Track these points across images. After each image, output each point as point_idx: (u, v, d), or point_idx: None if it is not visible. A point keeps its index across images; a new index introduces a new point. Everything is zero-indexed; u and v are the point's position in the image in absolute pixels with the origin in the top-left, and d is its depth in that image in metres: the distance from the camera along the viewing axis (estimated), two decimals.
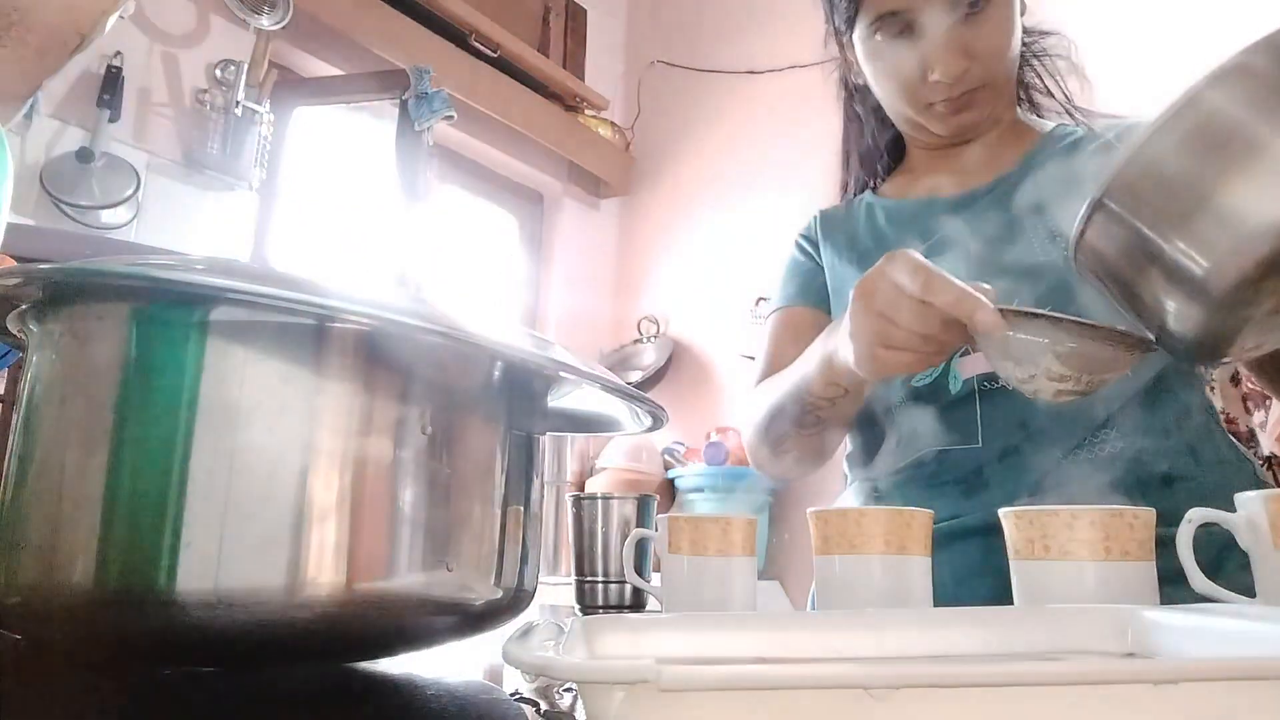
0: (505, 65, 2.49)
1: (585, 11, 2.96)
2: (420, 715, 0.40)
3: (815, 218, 0.99)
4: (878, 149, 0.97)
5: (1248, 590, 0.48)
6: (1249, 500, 0.48)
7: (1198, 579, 0.49)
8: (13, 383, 0.93)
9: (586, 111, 2.79)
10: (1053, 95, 0.88)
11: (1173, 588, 0.50)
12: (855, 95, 0.96)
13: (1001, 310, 0.53)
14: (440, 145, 2.22)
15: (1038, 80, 0.89)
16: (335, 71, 2.19)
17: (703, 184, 2.74)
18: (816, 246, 0.97)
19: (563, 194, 2.81)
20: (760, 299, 2.44)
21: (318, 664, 0.45)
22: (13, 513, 0.39)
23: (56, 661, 0.45)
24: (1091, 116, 0.87)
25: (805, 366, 0.74)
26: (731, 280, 2.53)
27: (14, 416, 0.42)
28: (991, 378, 0.77)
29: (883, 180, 0.97)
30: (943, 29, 0.76)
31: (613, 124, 2.88)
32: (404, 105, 1.99)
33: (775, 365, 0.87)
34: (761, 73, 2.66)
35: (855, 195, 0.99)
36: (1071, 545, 0.49)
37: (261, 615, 0.37)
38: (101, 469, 0.37)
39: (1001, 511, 0.54)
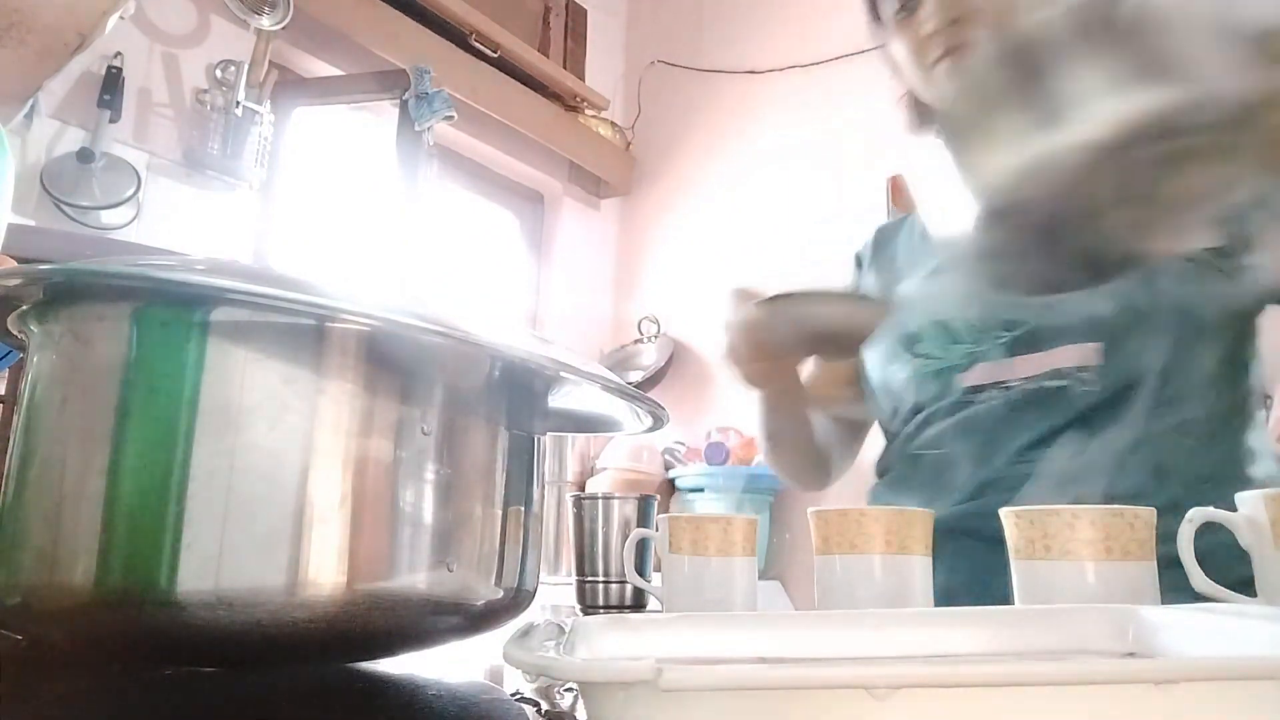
0: (505, 65, 2.49)
1: (585, 11, 2.96)
2: (421, 715, 0.40)
3: (871, 236, 1.02)
4: None
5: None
6: (1249, 500, 0.48)
7: (1198, 578, 0.49)
8: (13, 383, 0.93)
9: (586, 111, 2.79)
10: None
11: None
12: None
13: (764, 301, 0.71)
14: (440, 145, 2.22)
15: None
16: (335, 71, 2.19)
17: (703, 184, 2.74)
18: (862, 267, 1.01)
19: (563, 194, 2.81)
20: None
21: (318, 664, 0.45)
22: (14, 513, 0.39)
23: (57, 661, 0.45)
24: None
25: None
26: (732, 280, 2.53)
27: (15, 417, 0.42)
28: (975, 389, 0.80)
29: None
30: None
31: (613, 124, 2.88)
32: (404, 105, 1.99)
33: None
34: (761, 73, 2.66)
35: None
36: (1072, 545, 0.49)
37: (262, 615, 0.37)
38: (102, 469, 0.37)
39: (1002, 511, 0.54)
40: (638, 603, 0.83)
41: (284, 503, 0.37)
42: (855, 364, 0.88)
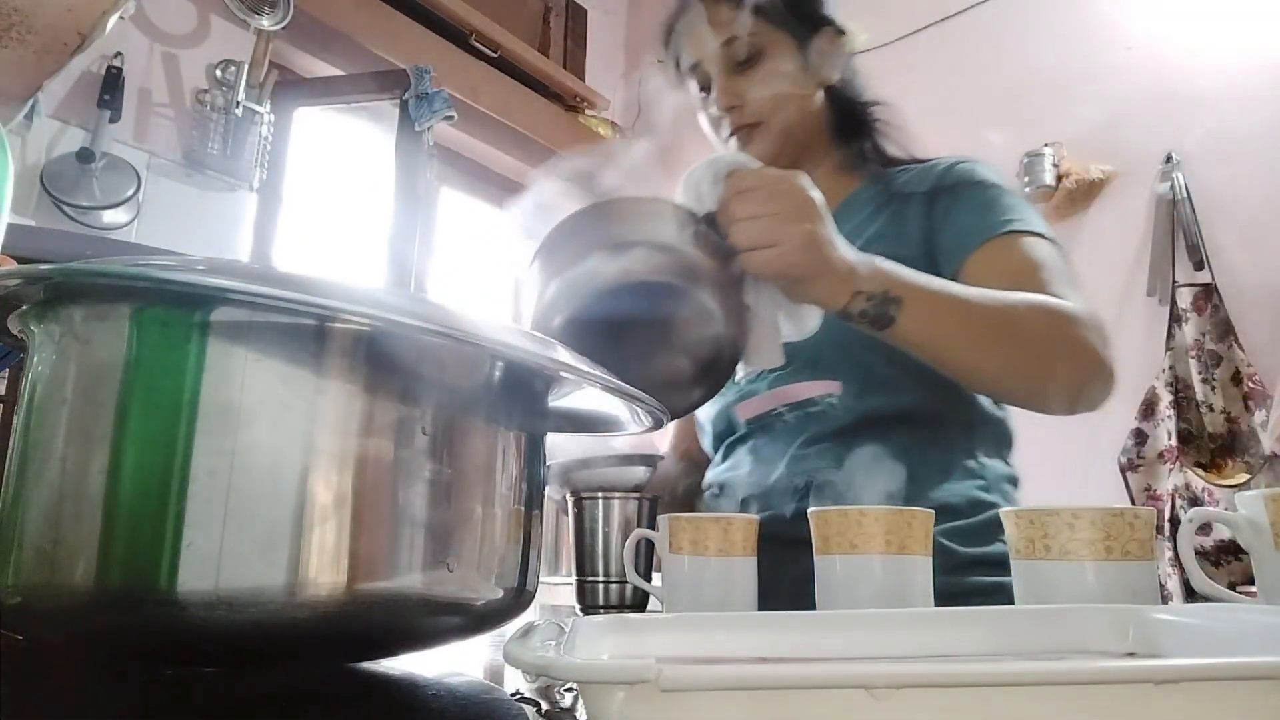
0: (505, 65, 2.49)
1: (585, 11, 2.96)
2: (420, 715, 0.40)
3: None
4: None
5: None
6: (1249, 500, 0.48)
7: (1198, 579, 0.49)
8: (13, 383, 0.93)
9: (586, 111, 2.79)
10: (884, 151, 0.99)
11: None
12: None
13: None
14: (440, 145, 2.22)
15: (872, 140, 1.00)
16: (335, 71, 2.19)
17: None
18: None
19: None
20: None
21: (318, 664, 0.45)
22: (14, 513, 0.39)
23: (58, 662, 0.45)
24: (903, 165, 0.98)
25: None
26: None
27: (15, 417, 0.42)
28: (756, 420, 0.93)
29: None
30: (721, 77, 0.93)
31: (613, 124, 2.88)
32: (404, 105, 1.99)
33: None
34: None
35: None
36: (1072, 545, 0.49)
37: (262, 615, 0.37)
38: (102, 469, 0.37)
39: (1002, 511, 0.54)
40: (638, 603, 0.83)
41: (284, 503, 0.37)
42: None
